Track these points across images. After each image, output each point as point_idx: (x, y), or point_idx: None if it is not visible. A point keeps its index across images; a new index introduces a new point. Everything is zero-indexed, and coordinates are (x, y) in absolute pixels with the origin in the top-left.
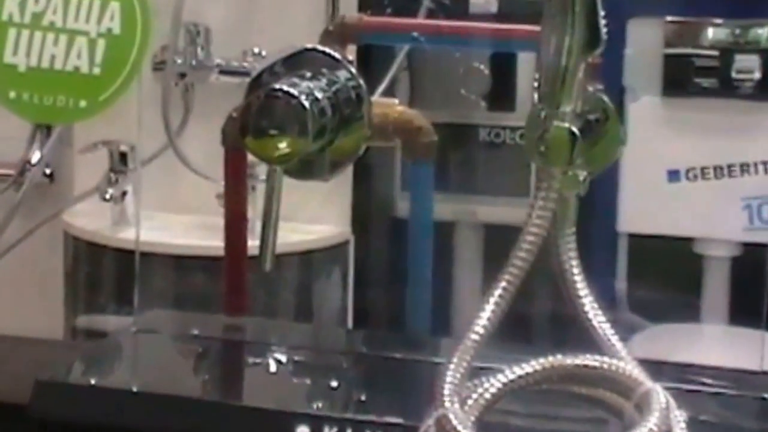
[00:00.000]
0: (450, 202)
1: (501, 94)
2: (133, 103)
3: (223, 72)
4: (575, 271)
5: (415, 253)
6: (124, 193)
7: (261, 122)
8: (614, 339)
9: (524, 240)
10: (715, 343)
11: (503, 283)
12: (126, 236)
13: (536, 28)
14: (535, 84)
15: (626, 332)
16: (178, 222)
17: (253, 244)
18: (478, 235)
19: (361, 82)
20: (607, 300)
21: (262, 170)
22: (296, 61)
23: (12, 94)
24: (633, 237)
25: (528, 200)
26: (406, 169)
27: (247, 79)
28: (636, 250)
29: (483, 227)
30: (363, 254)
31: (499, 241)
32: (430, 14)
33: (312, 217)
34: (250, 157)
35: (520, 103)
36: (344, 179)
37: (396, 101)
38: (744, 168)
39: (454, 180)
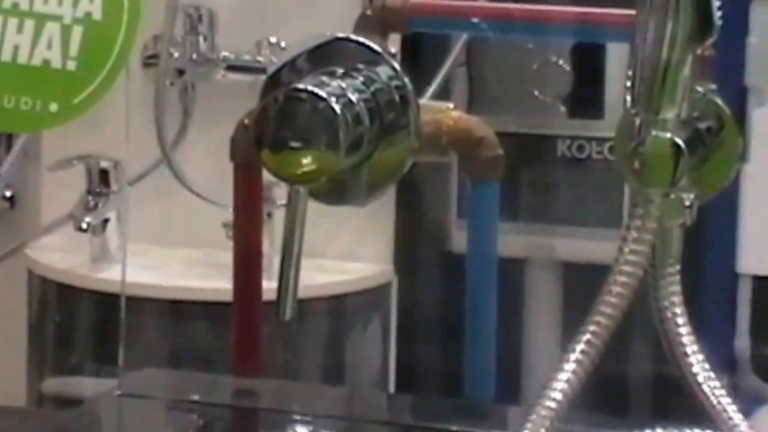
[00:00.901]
0: (519, 234)
1: (585, 96)
2: (118, 108)
3: (232, 68)
4: (680, 321)
5: (475, 297)
6: (106, 222)
7: (281, 131)
8: (731, 410)
9: (614, 282)
10: None
11: (587, 337)
12: (108, 276)
13: (630, 12)
14: (629, 83)
15: (748, 402)
16: (174, 258)
17: (269, 286)
18: (556, 276)
19: (407, 80)
20: (722, 359)
21: (281, 193)
22: (325, 55)
23: None
24: (758, 279)
25: (619, 232)
26: (464, 191)
27: (263, 77)
28: (761, 296)
29: (561, 266)
30: (408, 299)
31: (581, 284)
32: None
33: (345, 252)
34: (267, 176)
35: (609, 108)
36: (385, 204)
37: (451, 105)
38: None
39: (524, 206)
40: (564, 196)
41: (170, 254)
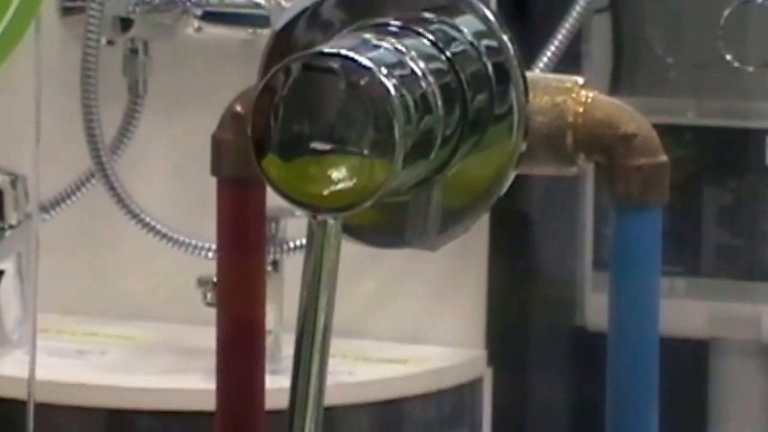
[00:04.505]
0: (703, 298)
1: None
2: (22, 83)
3: (211, 16)
4: None
5: (622, 401)
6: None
7: (296, 125)
8: None
9: None
10: None
11: None
12: (3, 371)
13: None
14: None
15: None
16: (114, 338)
17: (276, 385)
18: (764, 366)
19: (508, 41)
20: None
21: (297, 228)
22: None
23: None
24: None
25: None
26: (604, 223)
27: (266, 33)
28: None
29: None
30: (511, 402)
31: None
32: None
33: (406, 329)
34: (272, 200)
35: None
36: (474, 249)
37: (581, 80)
38: None
39: (711, 250)
40: None
41: (107, 332)
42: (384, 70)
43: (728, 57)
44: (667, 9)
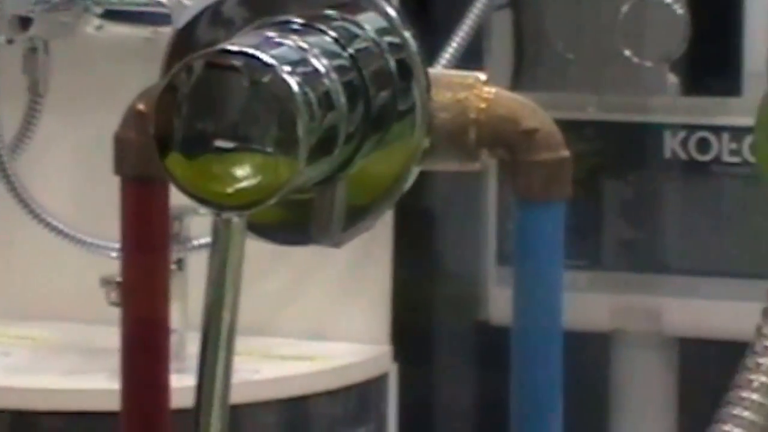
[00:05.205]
0: (603, 290)
1: (710, 59)
2: None
3: (112, 15)
4: None
5: (526, 393)
6: None
7: (199, 123)
8: None
9: (757, 365)
10: None
11: None
12: None
13: None
14: None
15: None
16: (19, 339)
17: (181, 384)
18: (665, 359)
19: (411, 38)
20: None
21: (201, 226)
22: None
23: None
24: None
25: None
26: (507, 219)
27: (168, 31)
28: None
29: (676, 343)
30: (416, 398)
31: (702, 368)
32: None
33: (311, 326)
34: (177, 198)
35: (748, 79)
36: (378, 245)
37: (483, 76)
38: None
39: (612, 244)
40: (675, 226)
41: (10, 333)
42: (287, 68)
43: (627, 52)
44: (567, 5)
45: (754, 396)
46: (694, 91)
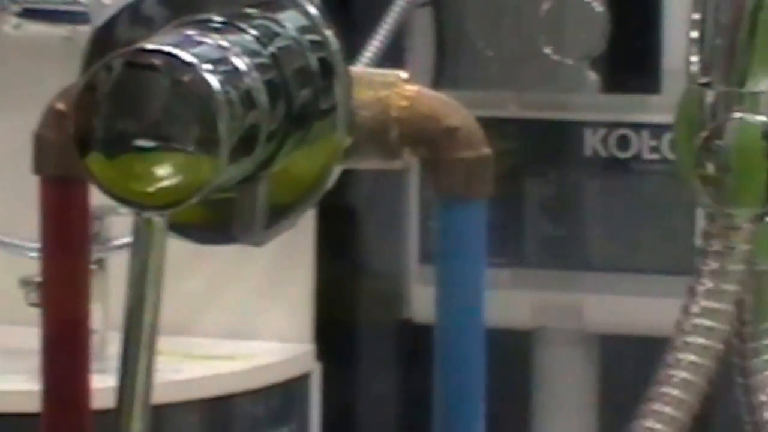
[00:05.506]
0: (525, 287)
1: (630, 57)
2: None
3: (30, 13)
4: None
5: (448, 392)
6: None
7: (119, 122)
8: None
9: (678, 361)
10: None
11: None
12: None
13: None
14: (696, 34)
15: None
16: None
17: (103, 384)
18: (587, 355)
19: (332, 36)
20: None
21: (121, 226)
22: None
23: None
24: None
25: (686, 281)
26: (429, 217)
27: (86, 30)
28: None
29: (597, 340)
30: (339, 398)
31: (622, 365)
32: None
33: (233, 326)
34: (97, 198)
35: (668, 77)
36: (299, 244)
37: (405, 75)
38: None
39: (533, 241)
40: (596, 224)
41: None
42: (207, 66)
43: (547, 50)
44: (488, 3)
45: (675, 392)
46: (613, 89)
